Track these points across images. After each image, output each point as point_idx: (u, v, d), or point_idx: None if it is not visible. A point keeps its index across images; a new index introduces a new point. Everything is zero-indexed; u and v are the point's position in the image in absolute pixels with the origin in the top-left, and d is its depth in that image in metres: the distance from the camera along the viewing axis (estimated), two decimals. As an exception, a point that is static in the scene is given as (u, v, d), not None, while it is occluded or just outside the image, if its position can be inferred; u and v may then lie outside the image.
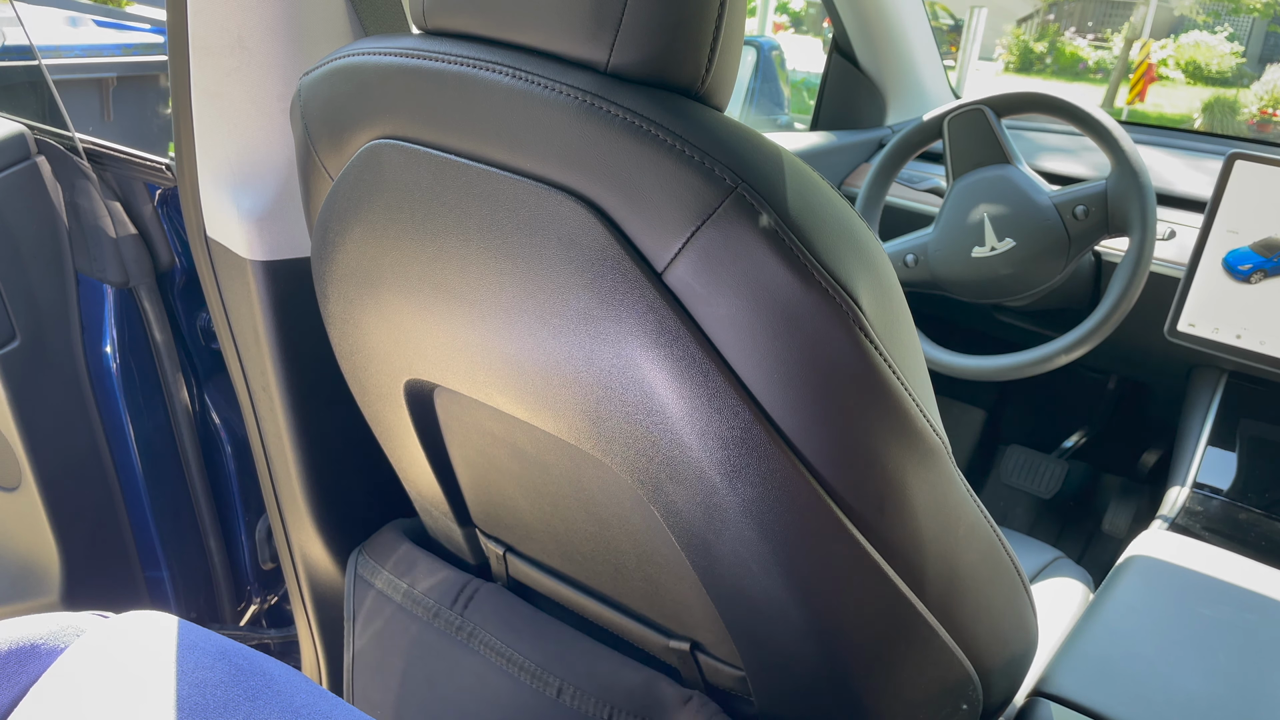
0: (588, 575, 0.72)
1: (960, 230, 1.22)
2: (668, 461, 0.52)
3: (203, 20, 0.76)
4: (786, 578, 0.54)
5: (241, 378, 0.89)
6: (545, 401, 0.55)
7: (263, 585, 1.35)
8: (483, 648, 0.74)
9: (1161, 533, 1.03)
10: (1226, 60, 13.88)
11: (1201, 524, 1.07)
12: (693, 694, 0.68)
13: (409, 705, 0.77)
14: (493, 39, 0.55)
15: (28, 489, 1.17)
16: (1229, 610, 0.86)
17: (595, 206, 0.49)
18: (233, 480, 1.28)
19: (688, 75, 0.51)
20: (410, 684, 0.77)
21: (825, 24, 2.33)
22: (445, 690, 0.75)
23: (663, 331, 0.48)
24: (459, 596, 0.77)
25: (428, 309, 0.59)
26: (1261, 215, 1.12)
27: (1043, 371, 1.19)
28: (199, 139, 0.80)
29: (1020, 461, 1.77)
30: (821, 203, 0.49)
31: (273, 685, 0.41)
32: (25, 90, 1.31)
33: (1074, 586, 1.03)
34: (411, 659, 0.77)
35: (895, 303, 0.51)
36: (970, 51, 9.07)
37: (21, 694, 0.40)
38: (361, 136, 0.60)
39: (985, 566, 0.64)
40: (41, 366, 1.14)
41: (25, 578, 1.26)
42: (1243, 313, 1.14)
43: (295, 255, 0.81)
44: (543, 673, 0.70)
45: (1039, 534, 1.77)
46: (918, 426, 0.52)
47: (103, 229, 1.13)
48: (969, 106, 1.21)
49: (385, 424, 0.73)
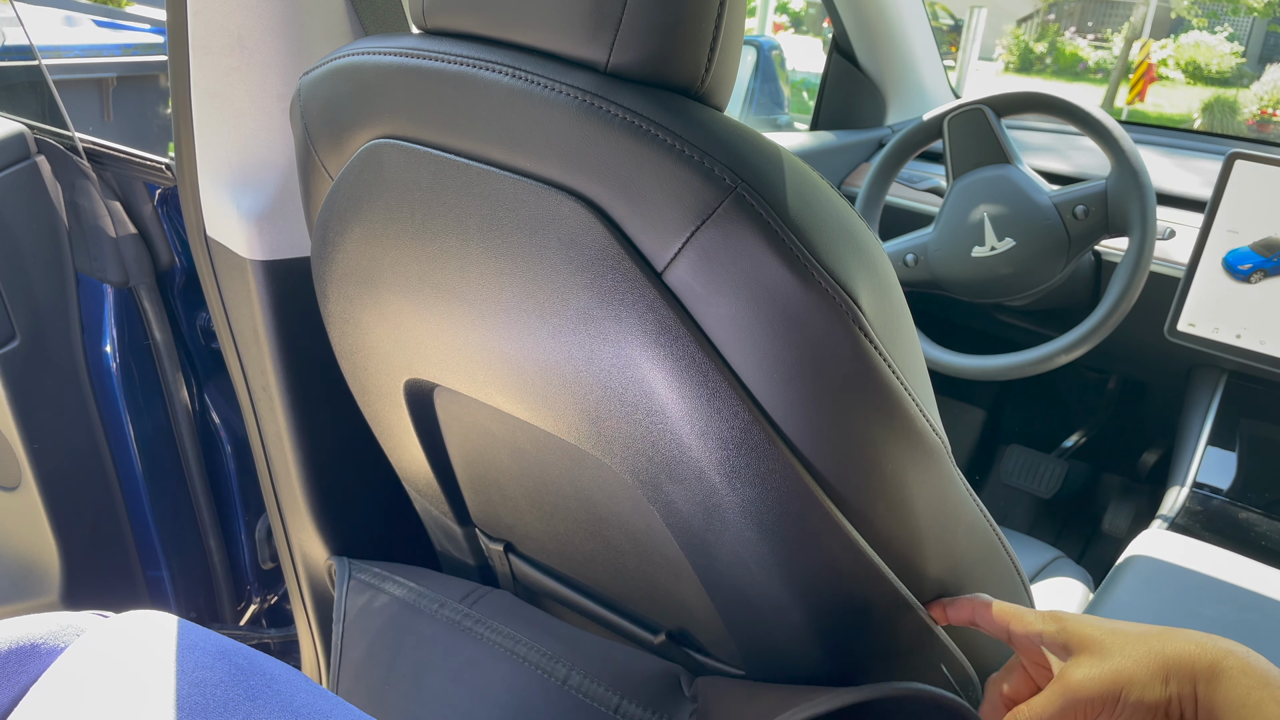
0: (587, 575, 0.72)
1: (960, 230, 1.22)
2: (667, 461, 0.52)
3: (203, 20, 0.76)
4: (785, 578, 0.54)
5: (241, 378, 0.89)
6: (545, 401, 0.55)
7: (263, 585, 1.35)
8: (486, 637, 0.73)
9: (1161, 533, 1.03)
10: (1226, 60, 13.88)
11: (1201, 524, 1.07)
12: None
13: (404, 695, 0.76)
14: (492, 39, 0.55)
15: (28, 489, 1.17)
16: (1229, 610, 0.86)
17: (595, 206, 0.49)
18: (233, 480, 1.28)
19: (687, 75, 0.51)
20: (407, 673, 0.76)
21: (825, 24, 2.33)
22: (447, 679, 0.74)
23: (663, 331, 0.48)
24: (466, 597, 0.77)
25: (427, 308, 0.59)
26: (1261, 215, 1.12)
27: (1043, 371, 1.19)
28: (199, 139, 0.80)
29: (1020, 461, 1.77)
30: (821, 202, 0.49)
31: (273, 685, 0.41)
32: (25, 90, 1.31)
33: (1074, 586, 1.03)
34: (410, 649, 0.77)
35: (895, 303, 0.51)
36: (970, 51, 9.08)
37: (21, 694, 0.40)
38: (361, 136, 0.60)
39: (985, 566, 0.64)
40: (41, 366, 1.14)
41: (25, 577, 1.26)
42: (1243, 312, 1.14)
43: (295, 255, 0.81)
44: (550, 661, 0.70)
45: (1039, 534, 1.77)
46: (918, 426, 0.52)
47: (103, 229, 1.13)
48: (969, 106, 1.21)
49: (385, 424, 0.73)
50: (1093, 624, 0.51)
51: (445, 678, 0.73)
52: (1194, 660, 0.46)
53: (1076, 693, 0.48)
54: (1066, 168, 1.42)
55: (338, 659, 0.81)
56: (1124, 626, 0.50)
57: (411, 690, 0.74)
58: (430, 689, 0.73)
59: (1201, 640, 0.47)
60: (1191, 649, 0.47)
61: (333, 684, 0.81)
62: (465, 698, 0.71)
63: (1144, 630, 0.49)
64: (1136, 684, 0.47)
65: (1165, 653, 0.47)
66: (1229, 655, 0.46)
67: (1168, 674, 0.47)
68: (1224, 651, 0.46)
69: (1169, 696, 0.46)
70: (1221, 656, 0.46)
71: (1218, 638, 0.47)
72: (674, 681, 0.68)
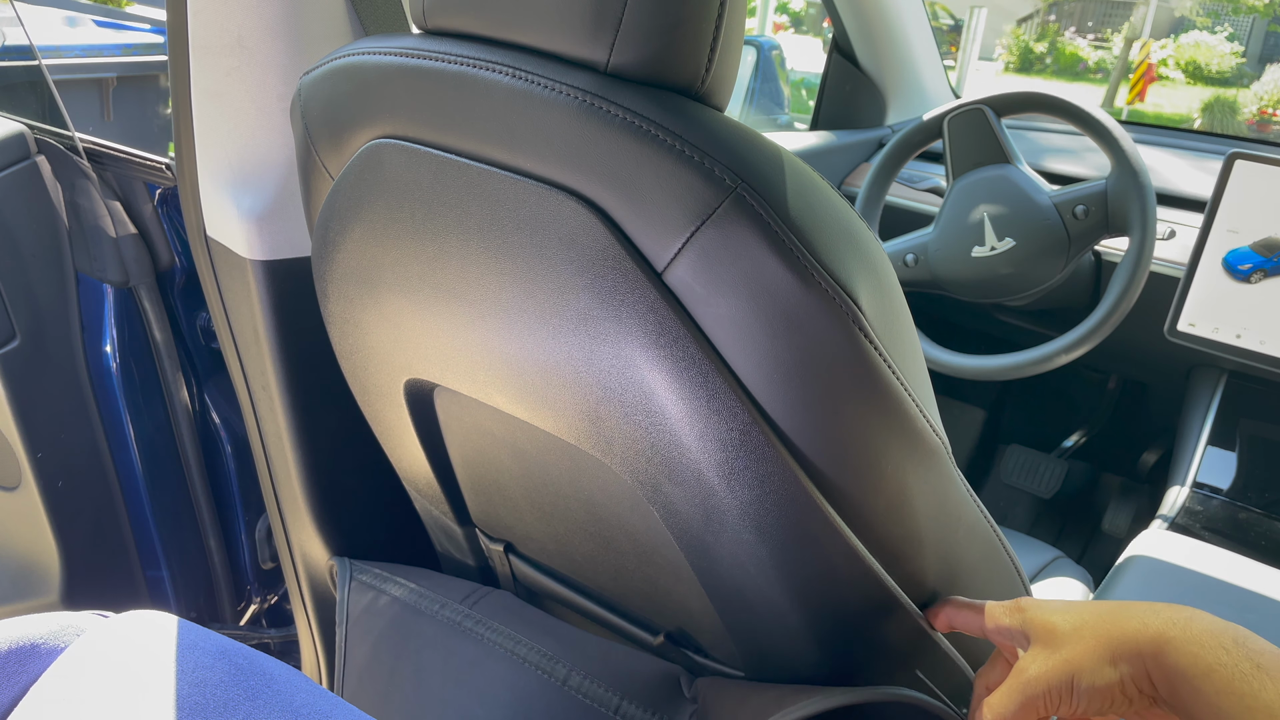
0: (587, 575, 0.72)
1: (960, 230, 1.22)
2: (666, 462, 0.52)
3: (203, 20, 0.76)
4: (783, 581, 0.54)
5: (241, 378, 0.89)
6: (545, 401, 0.55)
7: (263, 585, 1.35)
8: (487, 638, 0.73)
9: (1161, 532, 1.03)
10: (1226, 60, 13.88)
11: (1201, 524, 1.07)
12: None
13: (407, 696, 0.76)
14: (493, 39, 0.55)
15: (28, 489, 1.17)
16: (1229, 610, 0.86)
17: (595, 206, 0.49)
18: (233, 480, 1.28)
19: (688, 75, 0.51)
20: (410, 674, 0.76)
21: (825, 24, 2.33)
22: (449, 681, 0.74)
23: (663, 332, 0.48)
24: (467, 598, 0.77)
25: (428, 308, 0.59)
26: (1261, 215, 1.12)
27: (1043, 371, 1.19)
28: (199, 139, 0.80)
29: (1020, 461, 1.77)
30: (821, 203, 0.49)
31: (273, 685, 0.41)
32: (25, 90, 1.31)
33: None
34: (412, 650, 0.77)
35: (895, 303, 0.51)
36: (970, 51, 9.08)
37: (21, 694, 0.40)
38: (362, 136, 0.60)
39: (985, 566, 0.64)
40: (41, 366, 1.14)
41: (25, 578, 1.26)
42: (1243, 312, 1.14)
43: (295, 255, 0.81)
44: (550, 662, 0.70)
45: (1039, 534, 1.77)
46: (918, 427, 0.52)
47: (103, 228, 1.13)
48: (969, 106, 1.21)
49: (385, 423, 0.73)
50: (1052, 610, 0.51)
51: (447, 679, 0.73)
52: (1137, 638, 0.46)
53: (1031, 686, 0.48)
54: (1066, 168, 1.42)
55: (342, 661, 0.81)
56: (1080, 608, 0.50)
57: (415, 692, 0.74)
58: (432, 691, 0.73)
59: (1145, 615, 0.47)
60: (1135, 626, 0.46)
61: (338, 686, 0.81)
62: (467, 699, 0.71)
63: (1097, 609, 0.49)
64: (1086, 670, 0.47)
65: (1111, 635, 0.47)
66: (1171, 625, 0.45)
67: (1114, 656, 0.46)
68: (1167, 622, 0.46)
69: (1120, 678, 0.46)
70: (1165, 628, 0.45)
71: (1163, 607, 0.47)
72: (674, 682, 0.68)
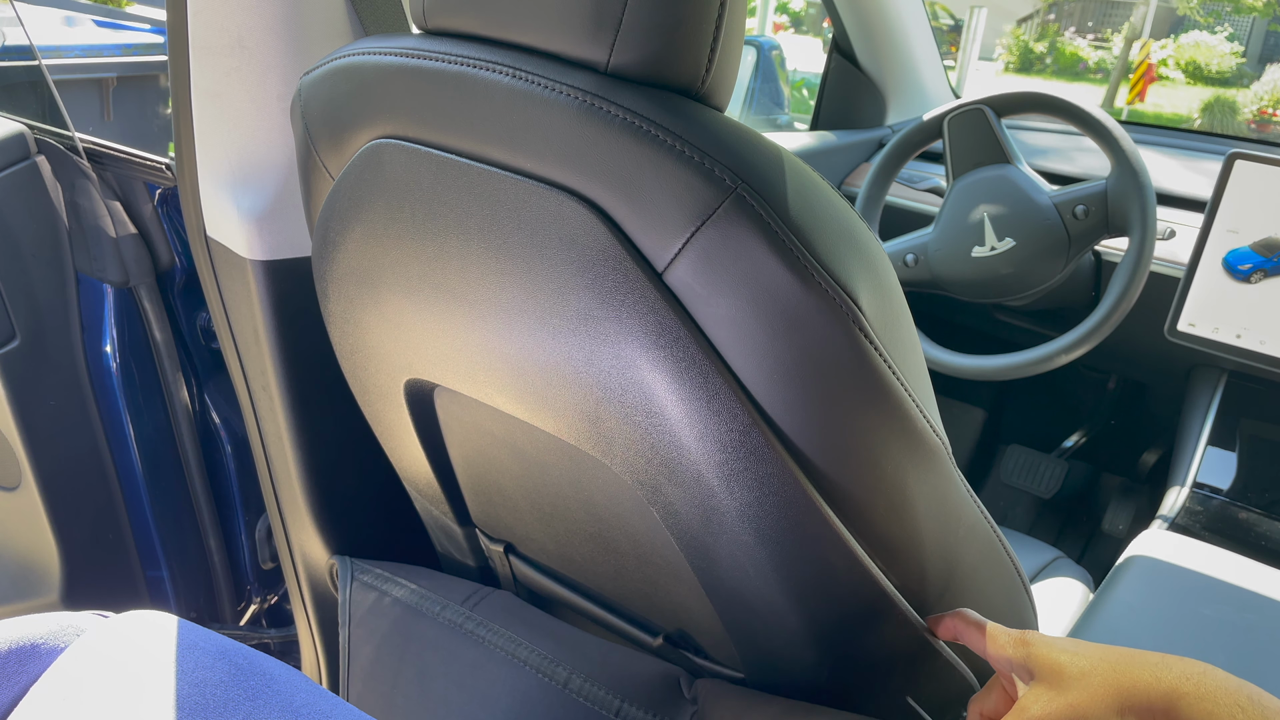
0: (587, 576, 0.72)
1: (960, 230, 1.22)
2: (666, 463, 0.52)
3: (203, 20, 0.76)
4: (783, 583, 0.54)
5: (241, 378, 0.89)
6: (545, 402, 0.55)
7: (263, 585, 1.35)
8: (488, 640, 0.73)
9: (1161, 533, 1.03)
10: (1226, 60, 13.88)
11: (1201, 524, 1.07)
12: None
13: (411, 699, 0.77)
14: (493, 39, 0.55)
15: (28, 489, 1.17)
16: (1229, 610, 0.86)
17: (596, 206, 0.49)
18: (233, 480, 1.28)
19: (688, 75, 0.51)
20: (413, 677, 0.76)
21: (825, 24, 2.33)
22: (451, 684, 0.75)
23: (663, 332, 0.48)
24: (468, 599, 0.77)
25: (428, 309, 0.59)
26: (1261, 215, 1.12)
27: (1043, 371, 1.19)
28: (199, 139, 0.80)
29: (1020, 461, 1.77)
30: (821, 203, 0.49)
31: (273, 685, 0.41)
32: (25, 90, 1.31)
33: (1074, 586, 1.03)
34: (414, 653, 0.77)
35: (895, 303, 0.51)
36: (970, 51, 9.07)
37: (21, 694, 0.40)
38: (362, 136, 0.60)
39: (985, 566, 0.64)
40: (41, 366, 1.14)
41: (25, 577, 1.26)
42: (1243, 312, 1.14)
43: (295, 255, 0.81)
44: (550, 664, 0.70)
45: (1039, 534, 1.77)
46: (918, 427, 0.52)
47: (103, 228, 1.13)
48: (969, 106, 1.21)
49: (385, 424, 0.73)
50: (1059, 649, 0.50)
51: (449, 682, 0.73)
52: (1149, 691, 0.45)
53: None
54: (1067, 168, 1.42)
55: (346, 662, 0.81)
56: (1090, 651, 0.49)
57: (418, 695, 0.74)
58: (435, 694, 0.74)
59: (1158, 668, 0.46)
60: (1147, 679, 0.45)
61: (343, 687, 0.81)
62: (468, 702, 0.71)
63: (1107, 656, 0.48)
64: (1093, 718, 0.46)
65: (1120, 684, 0.46)
66: (1185, 680, 0.44)
67: (1123, 706, 0.45)
68: (1180, 676, 0.45)
69: None
70: (1178, 683, 0.44)
71: (1176, 660, 0.46)
72: (674, 684, 0.68)
